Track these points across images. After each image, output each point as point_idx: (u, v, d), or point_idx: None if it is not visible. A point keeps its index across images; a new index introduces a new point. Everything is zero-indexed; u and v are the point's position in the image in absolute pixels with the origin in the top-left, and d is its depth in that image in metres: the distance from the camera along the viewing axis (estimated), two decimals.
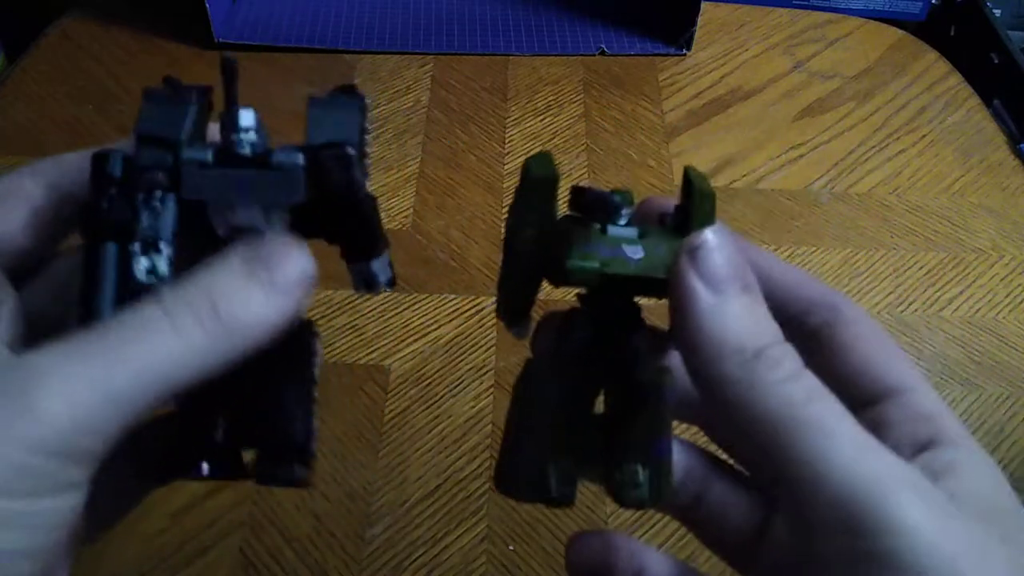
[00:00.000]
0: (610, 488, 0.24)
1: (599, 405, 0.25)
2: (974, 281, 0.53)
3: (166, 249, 0.22)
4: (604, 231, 0.23)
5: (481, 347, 0.48)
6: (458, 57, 0.66)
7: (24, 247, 0.23)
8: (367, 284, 0.24)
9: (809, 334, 0.24)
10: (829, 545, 0.19)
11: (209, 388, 0.21)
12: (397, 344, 0.47)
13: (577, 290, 0.25)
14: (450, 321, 0.49)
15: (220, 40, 0.65)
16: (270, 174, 0.22)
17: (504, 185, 0.57)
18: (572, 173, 0.58)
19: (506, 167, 0.58)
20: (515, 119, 0.62)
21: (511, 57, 0.67)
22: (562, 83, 0.65)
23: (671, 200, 0.25)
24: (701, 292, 0.21)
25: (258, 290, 0.21)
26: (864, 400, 0.23)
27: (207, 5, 0.62)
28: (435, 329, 0.49)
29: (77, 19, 0.69)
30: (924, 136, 0.62)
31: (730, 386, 0.20)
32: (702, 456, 0.24)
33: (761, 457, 0.20)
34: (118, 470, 0.22)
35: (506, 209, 0.57)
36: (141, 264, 0.22)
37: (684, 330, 0.21)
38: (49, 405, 0.17)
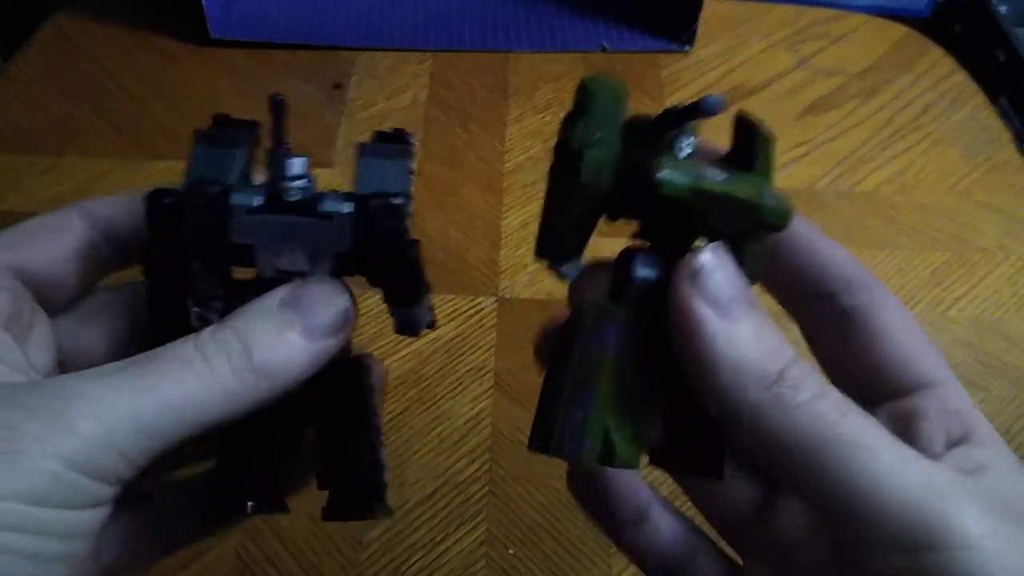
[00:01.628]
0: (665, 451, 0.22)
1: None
2: (980, 280, 0.52)
3: (216, 303, 0.23)
4: (670, 150, 0.21)
5: (480, 348, 0.47)
6: (457, 54, 0.66)
7: (60, 280, 0.24)
8: (408, 327, 0.25)
9: (842, 313, 0.23)
10: (887, 563, 0.18)
11: (252, 425, 0.22)
12: (395, 344, 0.47)
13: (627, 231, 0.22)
14: (449, 321, 0.48)
15: (216, 36, 0.64)
16: (318, 221, 0.22)
17: (504, 184, 0.56)
18: None
19: (506, 165, 0.58)
20: (515, 117, 0.61)
21: (511, 54, 0.66)
22: (563, 80, 0.64)
23: (721, 148, 0.23)
24: (710, 317, 0.20)
25: (293, 336, 0.21)
26: (896, 389, 0.22)
27: (202, 1, 0.62)
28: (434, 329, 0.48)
29: (71, 16, 0.68)
30: (929, 134, 0.61)
31: (758, 413, 0.19)
32: None
33: (799, 482, 0.19)
34: (168, 511, 0.24)
35: (506, 207, 0.56)
36: (195, 315, 0.23)
37: (697, 359, 0.20)
38: (85, 425, 0.18)
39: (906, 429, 0.22)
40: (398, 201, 0.23)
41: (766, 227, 0.21)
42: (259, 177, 0.24)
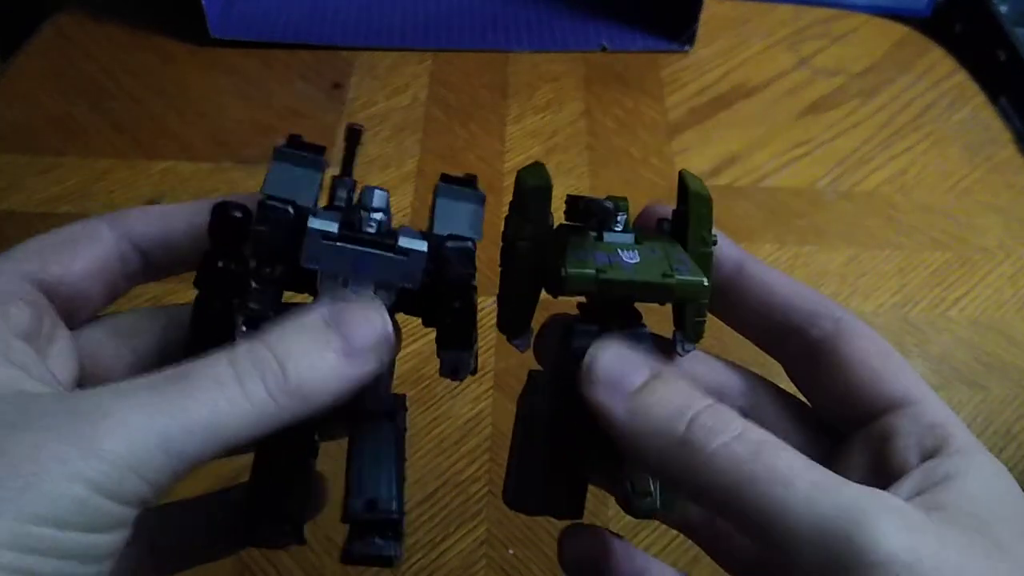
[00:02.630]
0: (621, 497, 0.24)
1: None
2: (980, 280, 0.52)
3: (268, 325, 0.22)
4: (600, 238, 0.23)
5: (480, 348, 0.47)
6: (457, 53, 0.66)
7: (83, 293, 0.23)
8: (453, 371, 0.25)
9: (812, 345, 0.24)
10: None
11: (281, 453, 0.22)
12: None
13: (577, 299, 0.24)
14: None
15: (215, 36, 0.64)
16: (392, 256, 0.22)
17: (504, 184, 0.56)
18: (573, 171, 0.58)
19: (506, 165, 0.57)
20: (515, 116, 0.61)
21: (511, 54, 0.66)
22: (563, 80, 0.64)
23: (670, 207, 0.25)
24: (608, 402, 0.21)
25: (330, 356, 0.21)
26: (871, 411, 0.23)
27: (202, 1, 0.62)
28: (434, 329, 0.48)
29: (71, 15, 0.68)
30: (930, 134, 0.61)
31: (677, 467, 0.20)
32: None
33: (733, 521, 0.20)
34: (182, 529, 0.24)
35: (506, 207, 0.56)
36: (241, 335, 0.22)
37: (616, 437, 0.21)
38: (113, 447, 0.18)
39: (880, 449, 0.22)
40: (472, 246, 0.23)
41: (682, 300, 0.23)
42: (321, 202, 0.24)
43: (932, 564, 0.18)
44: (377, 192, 0.23)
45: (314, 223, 0.22)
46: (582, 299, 0.24)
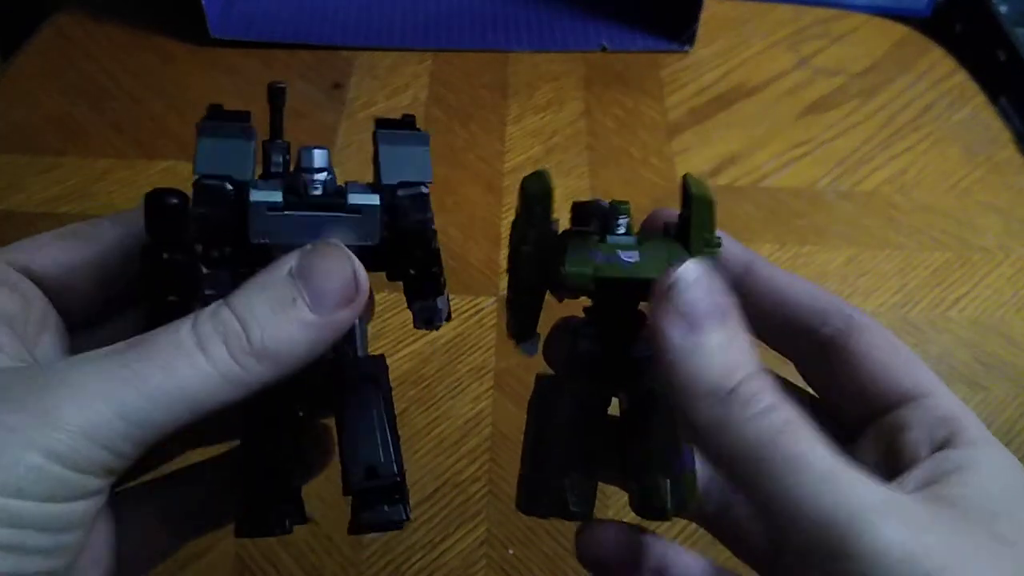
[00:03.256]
0: (633, 499, 0.24)
1: (614, 407, 0.25)
2: (980, 280, 0.52)
3: None
4: (603, 240, 0.23)
5: (481, 348, 0.47)
6: (457, 53, 0.66)
7: (73, 287, 0.23)
8: (427, 321, 0.24)
9: (824, 343, 0.24)
10: (806, 570, 0.19)
11: (269, 427, 0.22)
12: (396, 344, 0.47)
13: (584, 303, 0.25)
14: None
15: (215, 36, 0.64)
16: (345, 216, 0.21)
17: (504, 183, 0.56)
18: (573, 171, 0.58)
19: (506, 165, 0.57)
20: (515, 116, 0.61)
21: (511, 53, 0.66)
22: (563, 80, 0.64)
23: (675, 212, 0.25)
24: (674, 333, 0.20)
25: (297, 312, 0.20)
26: (882, 406, 0.23)
27: (202, 1, 0.62)
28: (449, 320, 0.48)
29: (72, 16, 0.68)
30: (930, 134, 0.61)
31: (709, 428, 0.20)
32: None
33: (746, 492, 0.20)
34: (196, 494, 0.24)
35: (506, 207, 0.56)
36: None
37: (662, 372, 0.21)
38: (68, 415, 0.17)
39: (891, 441, 0.22)
40: (425, 190, 0.22)
41: None
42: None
43: (928, 557, 0.18)
44: (316, 151, 0.22)
45: (255, 195, 0.21)
46: (588, 303, 0.25)
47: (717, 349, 0.20)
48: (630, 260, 0.23)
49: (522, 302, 0.24)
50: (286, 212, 0.21)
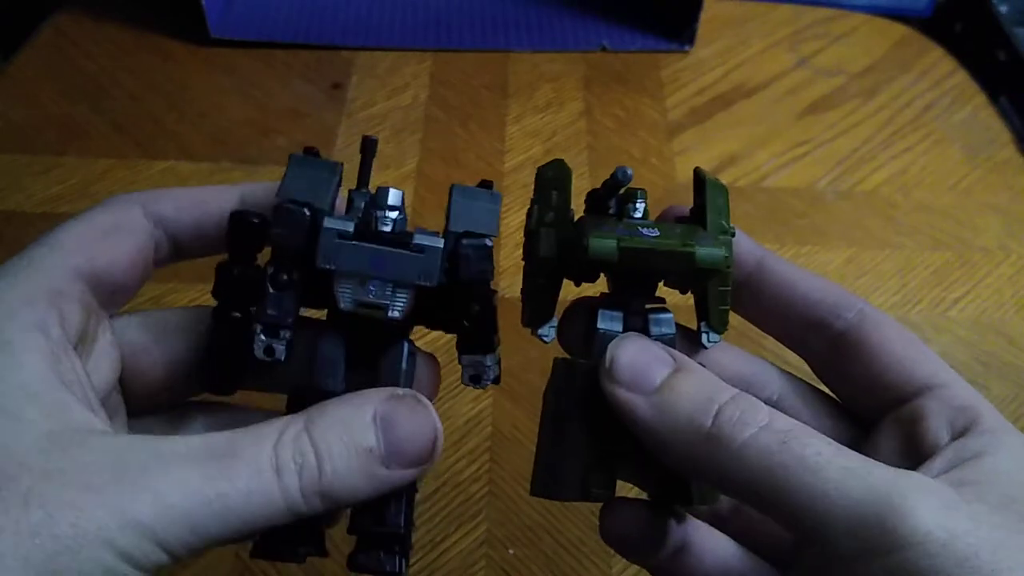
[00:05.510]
0: (652, 494, 0.24)
1: None
2: (980, 281, 0.52)
3: (285, 333, 0.23)
4: (620, 219, 0.24)
5: None
6: (457, 53, 0.66)
7: (125, 284, 0.23)
8: (475, 378, 0.25)
9: (837, 336, 0.24)
10: (852, 572, 0.18)
11: None
12: None
13: (600, 288, 0.25)
14: None
15: (215, 36, 0.64)
16: (408, 254, 0.22)
17: (504, 183, 0.56)
18: (573, 171, 0.58)
19: (506, 165, 0.57)
20: (515, 116, 0.61)
21: (511, 53, 0.66)
22: (563, 80, 0.64)
23: (687, 207, 0.25)
24: (632, 400, 0.21)
25: (366, 469, 0.20)
26: (899, 397, 0.23)
27: (202, 1, 0.62)
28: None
29: (71, 16, 0.68)
30: (930, 134, 0.61)
31: (706, 460, 0.20)
32: None
33: (766, 511, 0.20)
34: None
35: (506, 207, 0.56)
36: (260, 343, 0.23)
37: (642, 436, 0.21)
38: (147, 520, 0.18)
39: (910, 431, 0.22)
40: (489, 243, 0.23)
41: (705, 271, 0.23)
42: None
43: (967, 541, 0.18)
44: (392, 191, 0.23)
45: (328, 223, 0.22)
46: (604, 290, 0.25)
47: (679, 394, 0.21)
48: (651, 235, 0.23)
49: (538, 285, 0.24)
50: (354, 242, 0.22)
